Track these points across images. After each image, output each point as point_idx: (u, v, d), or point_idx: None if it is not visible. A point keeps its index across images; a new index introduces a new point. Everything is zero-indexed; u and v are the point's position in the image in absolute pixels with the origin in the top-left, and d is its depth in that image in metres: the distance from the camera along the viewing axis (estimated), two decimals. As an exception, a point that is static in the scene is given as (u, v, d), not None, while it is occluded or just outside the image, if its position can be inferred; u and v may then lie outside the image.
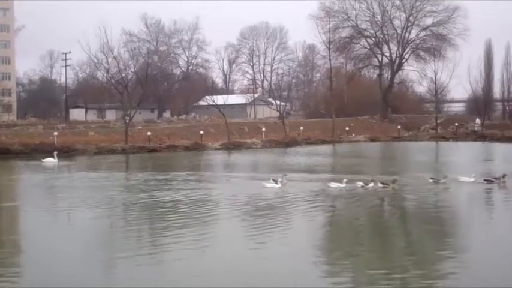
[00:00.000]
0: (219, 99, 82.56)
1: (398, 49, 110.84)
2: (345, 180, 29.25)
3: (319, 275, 14.41)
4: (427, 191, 28.29)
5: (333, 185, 29.10)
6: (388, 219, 22.98)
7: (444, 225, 21.16)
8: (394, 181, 29.16)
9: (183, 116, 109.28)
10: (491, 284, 13.66)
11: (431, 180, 30.55)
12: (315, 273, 14.54)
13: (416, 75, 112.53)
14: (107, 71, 72.84)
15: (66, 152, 52.08)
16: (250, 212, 23.00)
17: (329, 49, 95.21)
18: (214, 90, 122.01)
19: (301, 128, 79.54)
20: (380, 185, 28.76)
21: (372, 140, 79.62)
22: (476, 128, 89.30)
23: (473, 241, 18.23)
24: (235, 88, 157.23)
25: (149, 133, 65.49)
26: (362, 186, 28.69)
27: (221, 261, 15.67)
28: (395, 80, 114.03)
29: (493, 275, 14.39)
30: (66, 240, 18.16)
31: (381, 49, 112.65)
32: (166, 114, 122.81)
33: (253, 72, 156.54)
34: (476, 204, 26.39)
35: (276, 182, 29.84)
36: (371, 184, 28.87)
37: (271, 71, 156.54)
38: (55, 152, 48.51)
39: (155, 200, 25.79)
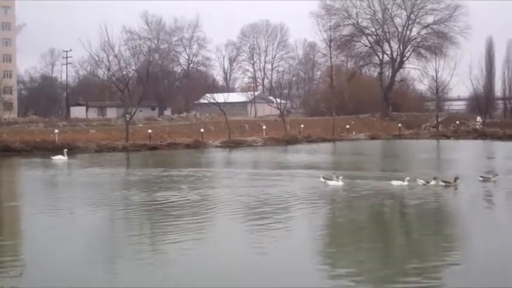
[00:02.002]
0: (220, 97, 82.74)
1: (399, 47, 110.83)
2: (407, 178, 28.93)
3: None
4: (480, 189, 28.13)
5: (395, 183, 28.84)
6: (443, 219, 22.20)
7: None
8: (455, 179, 28.67)
9: (184, 114, 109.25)
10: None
11: (481, 179, 30.10)
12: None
13: (417, 74, 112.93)
14: (108, 69, 72.93)
15: (67, 150, 51.87)
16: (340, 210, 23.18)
17: (330, 47, 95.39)
18: (215, 88, 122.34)
19: (302, 126, 79.51)
20: (442, 183, 28.43)
21: (373, 138, 79.60)
22: (477, 126, 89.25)
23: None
24: (236, 86, 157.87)
25: (150, 131, 65.52)
26: (424, 185, 28.41)
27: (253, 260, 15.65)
28: (396, 78, 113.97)
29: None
30: (69, 239, 18.03)
31: (381, 47, 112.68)
32: (167, 112, 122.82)
33: (254, 70, 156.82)
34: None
35: (327, 179, 29.75)
36: (433, 182, 28.53)
37: (272, 69, 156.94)
38: (65, 150, 48.47)
39: (164, 199, 25.44)
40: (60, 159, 46.64)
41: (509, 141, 70.93)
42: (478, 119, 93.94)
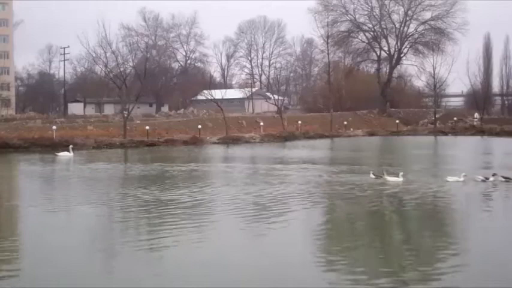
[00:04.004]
0: (217, 94, 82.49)
1: (396, 43, 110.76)
2: (463, 174, 28.58)
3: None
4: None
5: (451, 179, 28.48)
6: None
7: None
8: None
9: (181, 110, 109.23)
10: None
11: None
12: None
13: (415, 70, 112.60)
14: (106, 66, 72.72)
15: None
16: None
17: (327, 43, 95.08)
18: (212, 85, 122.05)
19: (299, 122, 79.51)
20: (502, 179, 28.08)
21: (371, 134, 79.58)
22: (475, 123, 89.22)
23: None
24: (233, 82, 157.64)
25: (147, 127, 65.46)
26: (482, 180, 28.01)
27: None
28: (393, 75, 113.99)
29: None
30: (70, 239, 17.92)
31: (379, 43, 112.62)
32: (165, 109, 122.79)
33: (251, 67, 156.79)
34: None
35: (377, 176, 29.49)
36: (491, 178, 28.11)
37: (269, 66, 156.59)
38: (70, 146, 48.51)
39: (169, 196, 25.32)
40: (65, 155, 46.66)
41: (507, 137, 70.99)
42: (476, 115, 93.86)
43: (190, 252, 15.90)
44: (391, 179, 28.79)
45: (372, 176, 29.83)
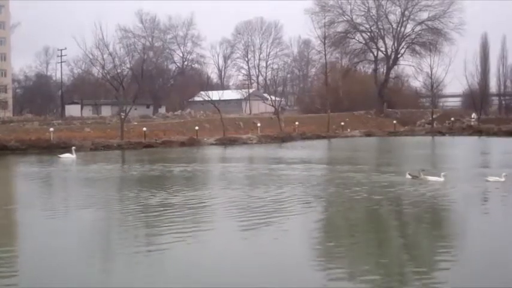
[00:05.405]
0: (214, 95, 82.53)
1: (393, 44, 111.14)
2: (504, 174, 28.09)
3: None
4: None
5: (492, 179, 28.05)
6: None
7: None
8: None
9: (179, 112, 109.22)
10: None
11: None
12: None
13: (412, 70, 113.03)
14: (103, 67, 72.69)
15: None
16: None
17: (324, 44, 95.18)
18: (209, 86, 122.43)
19: (297, 123, 79.44)
20: None
21: (368, 134, 79.53)
22: (472, 123, 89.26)
23: None
24: (231, 83, 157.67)
25: (145, 129, 65.39)
26: None
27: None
28: (390, 75, 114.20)
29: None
30: (70, 241, 17.89)
31: (376, 44, 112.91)
32: (162, 110, 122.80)
33: (249, 68, 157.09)
34: None
35: (414, 176, 28.98)
36: None
37: (266, 66, 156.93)
38: (73, 148, 48.22)
39: (171, 198, 25.17)
40: (68, 157, 46.45)
41: (504, 137, 71.07)
42: (473, 115, 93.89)
43: (190, 253, 15.83)
44: (432, 178, 28.33)
45: (408, 176, 29.33)
